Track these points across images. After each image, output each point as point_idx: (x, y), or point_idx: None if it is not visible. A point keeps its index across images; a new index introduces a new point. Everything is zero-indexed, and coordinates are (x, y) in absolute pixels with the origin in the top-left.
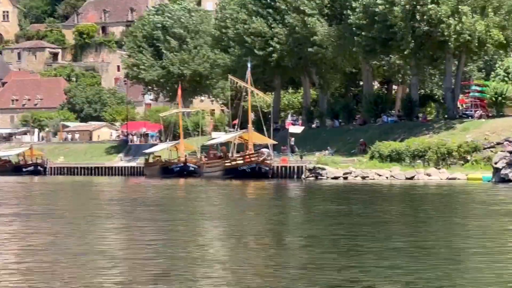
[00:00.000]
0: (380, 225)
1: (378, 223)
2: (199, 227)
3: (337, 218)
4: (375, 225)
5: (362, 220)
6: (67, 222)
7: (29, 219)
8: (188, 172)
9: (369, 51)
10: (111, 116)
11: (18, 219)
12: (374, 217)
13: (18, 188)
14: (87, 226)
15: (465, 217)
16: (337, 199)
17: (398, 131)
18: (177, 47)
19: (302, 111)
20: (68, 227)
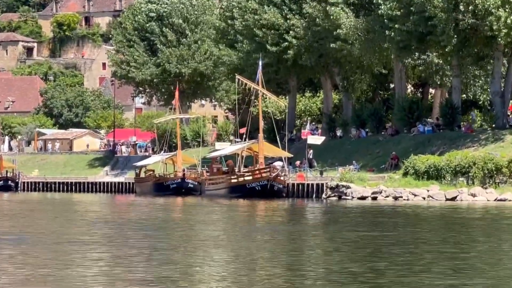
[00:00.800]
0: (422, 256)
1: (420, 255)
2: (198, 258)
3: (370, 247)
4: (417, 256)
5: (401, 250)
6: (42, 249)
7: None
8: (187, 189)
9: (403, 48)
10: (95, 123)
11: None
12: (413, 246)
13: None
14: (66, 254)
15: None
16: (367, 223)
17: (437, 142)
18: (175, 41)
19: (322, 118)
20: (43, 256)
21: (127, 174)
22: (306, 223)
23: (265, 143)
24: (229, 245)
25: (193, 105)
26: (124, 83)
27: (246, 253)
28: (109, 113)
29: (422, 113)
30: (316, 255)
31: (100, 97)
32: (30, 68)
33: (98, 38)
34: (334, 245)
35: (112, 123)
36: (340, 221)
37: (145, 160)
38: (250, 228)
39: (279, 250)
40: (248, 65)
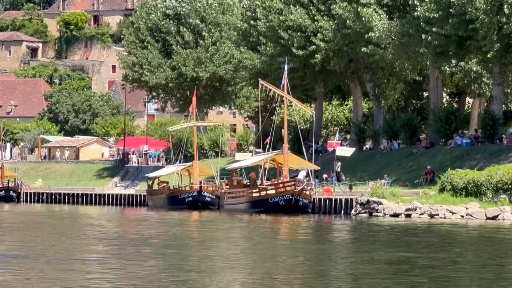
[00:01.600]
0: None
1: (467, 279)
2: (214, 281)
3: (414, 269)
4: (465, 281)
5: (448, 273)
6: (44, 268)
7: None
8: (203, 203)
9: (440, 53)
10: (104, 130)
11: None
12: (458, 269)
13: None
14: (70, 273)
15: None
16: (403, 243)
17: (477, 156)
18: (192, 42)
19: (351, 128)
20: (46, 274)
21: (138, 185)
22: (335, 241)
23: (290, 154)
24: (249, 267)
25: (210, 112)
26: (136, 88)
27: (267, 276)
28: (118, 120)
29: (461, 124)
30: (350, 276)
31: (109, 102)
32: (34, 70)
33: (107, 38)
34: (369, 267)
35: (122, 131)
36: (373, 240)
37: (158, 171)
38: (273, 247)
39: (307, 273)
40: (272, 70)
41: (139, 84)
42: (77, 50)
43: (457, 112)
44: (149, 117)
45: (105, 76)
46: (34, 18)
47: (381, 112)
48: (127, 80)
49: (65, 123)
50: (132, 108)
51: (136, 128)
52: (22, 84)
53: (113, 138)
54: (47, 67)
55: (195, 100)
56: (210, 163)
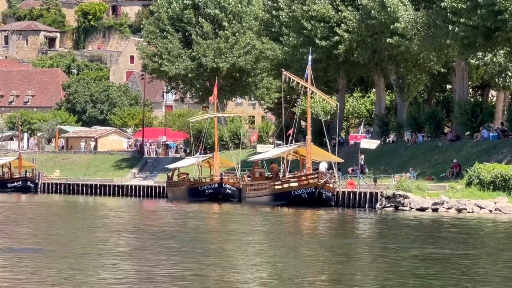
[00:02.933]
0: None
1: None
2: (233, 276)
3: (448, 264)
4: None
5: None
6: (59, 262)
7: (6, 257)
8: (224, 195)
9: (468, 45)
10: (122, 120)
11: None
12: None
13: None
14: (87, 268)
15: None
16: (434, 239)
17: (504, 150)
18: (211, 32)
19: (373, 120)
20: (61, 269)
21: (156, 177)
22: (361, 236)
23: (313, 147)
24: (270, 261)
25: (229, 103)
26: (155, 78)
27: (288, 273)
28: (137, 110)
29: (485, 117)
30: (378, 273)
31: (127, 93)
32: (52, 60)
33: (126, 29)
34: (400, 263)
35: (140, 121)
36: (400, 235)
37: (178, 162)
38: (296, 241)
39: (332, 270)
40: (294, 61)
41: (159, 74)
42: (95, 40)
43: (483, 105)
44: (167, 108)
45: (123, 67)
46: (52, 7)
47: (405, 104)
48: (147, 70)
49: (83, 113)
50: (150, 99)
51: (154, 119)
52: (39, 74)
53: (131, 129)
54: (64, 57)
55: (216, 90)
56: (230, 154)
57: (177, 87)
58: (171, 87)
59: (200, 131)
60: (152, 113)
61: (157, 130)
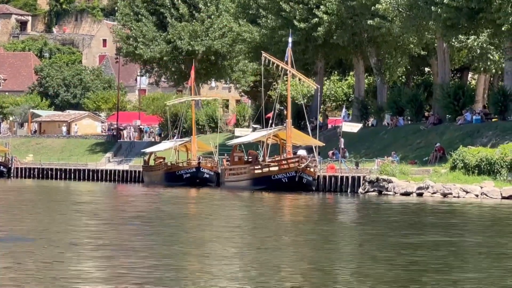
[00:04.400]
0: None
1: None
2: (207, 264)
3: (448, 251)
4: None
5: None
6: (29, 250)
7: None
8: (202, 179)
9: (451, 26)
10: (95, 104)
11: None
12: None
13: None
14: (56, 253)
15: None
16: (424, 225)
17: (488, 133)
18: (187, 15)
19: (352, 104)
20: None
21: (131, 161)
22: (346, 221)
23: (295, 130)
24: (247, 250)
25: (203, 87)
26: (130, 61)
27: (266, 261)
28: (110, 94)
29: (469, 100)
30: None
31: (100, 77)
32: (24, 43)
33: (98, 12)
34: (388, 250)
35: (113, 105)
36: (388, 220)
37: (155, 146)
38: (275, 226)
39: (312, 257)
40: (272, 43)
41: (133, 57)
42: (67, 24)
43: (465, 88)
44: (141, 92)
45: (95, 50)
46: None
47: (385, 87)
48: (121, 53)
49: (56, 97)
50: (123, 82)
51: (127, 103)
52: (11, 57)
53: (105, 113)
54: (36, 40)
55: (193, 73)
56: (207, 138)
57: (151, 70)
58: (146, 70)
59: (175, 115)
60: (126, 97)
61: (131, 114)
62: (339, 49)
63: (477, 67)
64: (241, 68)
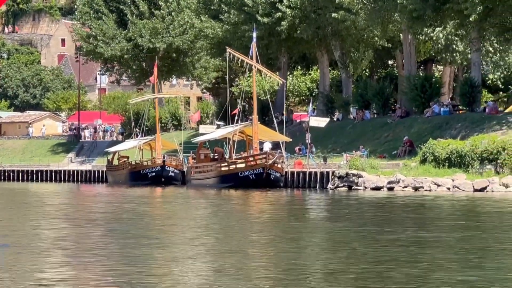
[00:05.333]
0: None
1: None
2: (171, 264)
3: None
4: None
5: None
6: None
7: None
8: (167, 178)
9: (417, 18)
10: (55, 105)
11: None
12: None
13: None
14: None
15: None
16: (402, 220)
17: (457, 125)
18: (147, 12)
19: (318, 98)
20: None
21: (94, 161)
22: (317, 217)
23: (261, 126)
24: (212, 246)
25: (164, 85)
26: (91, 60)
27: (234, 260)
28: (70, 94)
29: (437, 92)
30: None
31: (60, 77)
32: None
33: (56, 12)
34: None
35: (74, 105)
36: (362, 217)
37: (118, 145)
38: (243, 224)
39: (280, 255)
40: (235, 39)
41: (94, 56)
42: (25, 24)
43: (432, 80)
44: (101, 91)
45: (54, 50)
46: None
47: (350, 81)
48: (81, 52)
49: (15, 98)
50: (83, 82)
51: (88, 103)
52: None
53: (65, 113)
54: None
55: (156, 71)
56: (171, 136)
57: (112, 69)
58: (107, 69)
59: (137, 113)
60: (86, 96)
61: (92, 114)
62: (303, 43)
63: (443, 58)
64: (203, 65)
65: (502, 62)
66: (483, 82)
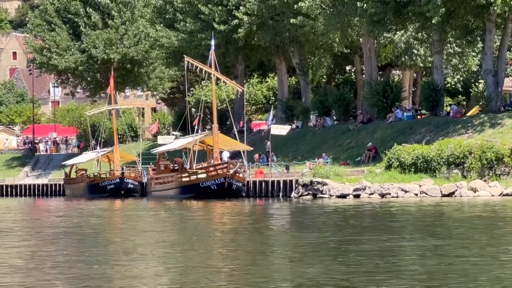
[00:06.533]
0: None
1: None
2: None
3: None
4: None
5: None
6: None
7: None
8: (126, 190)
9: (377, 21)
10: (8, 118)
11: None
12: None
13: None
14: None
15: None
16: (376, 228)
17: (421, 130)
18: (100, 23)
19: (277, 106)
20: None
21: (50, 174)
22: (282, 227)
23: (222, 136)
24: (171, 258)
25: (119, 97)
26: (44, 72)
27: (194, 275)
28: (23, 108)
29: (398, 97)
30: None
31: (12, 90)
32: None
33: (6, 25)
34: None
35: (27, 119)
36: (328, 226)
37: (76, 158)
38: (204, 236)
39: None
40: (192, 47)
41: (47, 68)
42: None
43: (394, 84)
44: (54, 104)
45: (5, 64)
46: None
47: (309, 87)
48: (35, 64)
49: None
50: (36, 95)
51: (41, 116)
52: None
53: (19, 127)
54: None
55: (112, 82)
56: (128, 147)
57: (67, 81)
58: (61, 81)
59: (92, 125)
60: (40, 110)
61: (46, 127)
62: (260, 50)
63: (403, 62)
64: (158, 75)
65: (461, 65)
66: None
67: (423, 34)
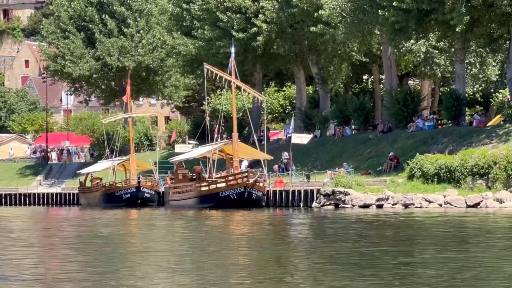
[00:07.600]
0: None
1: None
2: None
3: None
4: None
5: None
6: None
7: None
8: (142, 199)
9: (399, 30)
10: (21, 127)
11: None
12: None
13: None
14: None
15: None
16: (406, 239)
17: (444, 140)
18: (116, 31)
19: (295, 115)
20: None
21: (64, 183)
22: (306, 237)
23: (242, 144)
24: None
25: (134, 105)
26: (58, 80)
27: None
28: (36, 116)
29: (418, 106)
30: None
31: (25, 98)
32: None
33: (18, 33)
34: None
35: (40, 127)
36: (355, 237)
37: (91, 167)
38: (226, 248)
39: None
40: (209, 55)
41: (61, 76)
42: None
43: (415, 94)
44: (66, 113)
45: (18, 72)
46: None
47: (327, 96)
48: (49, 72)
49: None
50: (48, 103)
51: (54, 124)
52: None
53: (31, 135)
54: None
55: (129, 89)
56: (143, 156)
57: (81, 88)
58: (75, 89)
59: (107, 134)
60: (52, 118)
61: (59, 135)
62: (279, 58)
63: (422, 72)
64: (173, 83)
65: (481, 74)
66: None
67: (445, 43)
